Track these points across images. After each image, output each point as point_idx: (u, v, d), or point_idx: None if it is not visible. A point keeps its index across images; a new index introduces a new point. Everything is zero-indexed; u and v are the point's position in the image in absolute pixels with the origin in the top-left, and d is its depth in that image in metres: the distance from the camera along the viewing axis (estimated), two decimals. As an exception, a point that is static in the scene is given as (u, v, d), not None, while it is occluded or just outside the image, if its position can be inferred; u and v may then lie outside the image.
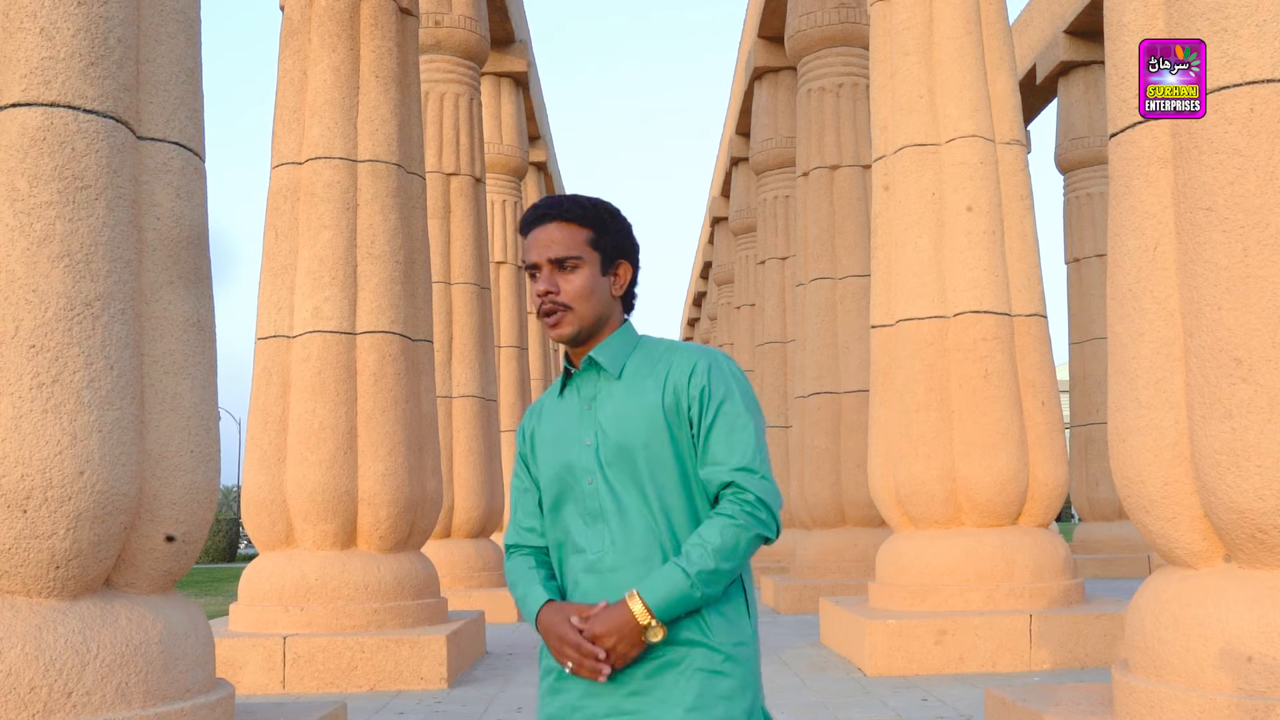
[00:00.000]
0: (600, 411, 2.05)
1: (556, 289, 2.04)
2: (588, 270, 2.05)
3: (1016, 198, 8.08)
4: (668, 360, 2.07)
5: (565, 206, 2.06)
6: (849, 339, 11.89)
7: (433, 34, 12.28)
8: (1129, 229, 4.03)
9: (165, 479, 3.83)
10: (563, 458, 2.07)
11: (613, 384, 2.06)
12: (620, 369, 2.07)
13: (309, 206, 7.85)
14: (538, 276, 2.06)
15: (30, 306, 3.48)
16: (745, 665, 2.00)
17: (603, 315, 2.08)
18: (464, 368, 12.04)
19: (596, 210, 2.09)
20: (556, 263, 2.04)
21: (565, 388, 2.14)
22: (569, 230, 2.05)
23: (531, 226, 2.08)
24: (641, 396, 2.03)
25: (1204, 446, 3.74)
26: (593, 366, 2.09)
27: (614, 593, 1.98)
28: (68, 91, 3.58)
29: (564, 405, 2.13)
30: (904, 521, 8.13)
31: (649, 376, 2.05)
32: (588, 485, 2.03)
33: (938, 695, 6.39)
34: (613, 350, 2.08)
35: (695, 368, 2.04)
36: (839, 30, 12.52)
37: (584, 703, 1.99)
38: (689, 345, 2.09)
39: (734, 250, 21.86)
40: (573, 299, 2.04)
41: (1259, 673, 3.57)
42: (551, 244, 2.04)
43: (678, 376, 2.04)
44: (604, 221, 2.08)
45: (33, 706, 3.35)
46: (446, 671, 7.18)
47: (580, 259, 2.04)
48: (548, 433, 2.12)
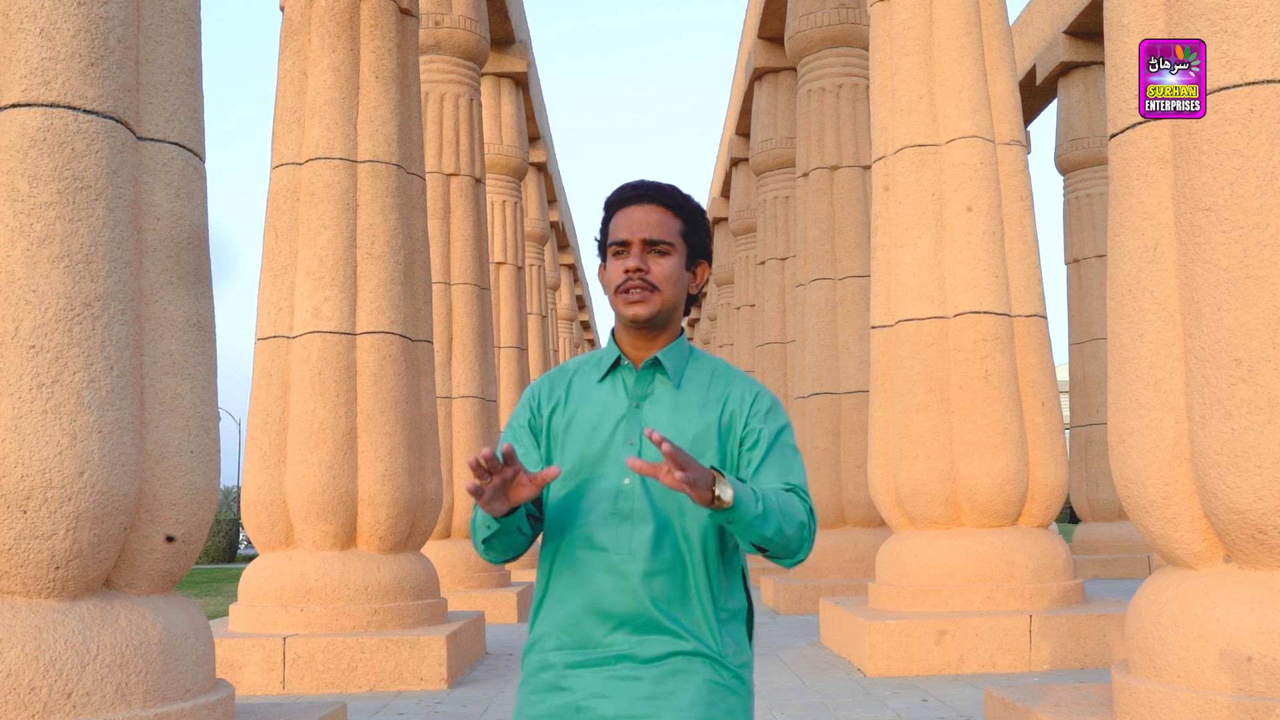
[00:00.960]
0: (651, 415, 2.03)
1: (647, 268, 2.02)
2: (677, 258, 2.05)
3: (1016, 198, 8.08)
4: (726, 382, 2.07)
5: (666, 192, 2.06)
6: (849, 339, 11.89)
7: (433, 34, 12.28)
8: (1129, 229, 4.03)
9: (165, 479, 3.83)
10: (597, 451, 2.02)
11: (668, 390, 2.05)
12: (680, 378, 2.06)
13: (309, 207, 7.86)
14: (623, 253, 2.03)
15: (30, 307, 3.47)
16: (748, 687, 2.02)
17: (677, 307, 2.07)
18: (464, 368, 12.04)
19: (691, 205, 2.09)
20: (649, 243, 2.02)
21: (608, 375, 2.09)
22: (666, 215, 2.05)
23: (627, 204, 2.06)
24: (699, 411, 2.03)
25: (1204, 447, 3.74)
26: (654, 368, 2.07)
27: (630, 597, 1.96)
28: (68, 92, 3.58)
29: (603, 394, 2.07)
30: (904, 522, 8.13)
31: (705, 392, 2.05)
32: (624, 485, 1.99)
33: (938, 695, 6.39)
34: (676, 357, 2.07)
35: (758, 396, 2.06)
36: (839, 31, 12.52)
37: (590, 703, 1.95)
38: (743, 374, 2.12)
39: (734, 251, 21.88)
40: (661, 281, 2.02)
41: (1259, 673, 3.57)
42: (648, 224, 2.03)
43: (738, 401, 2.05)
44: (696, 218, 2.09)
45: (33, 707, 3.35)
46: (446, 672, 7.18)
47: (672, 245, 2.04)
48: (581, 419, 2.06)
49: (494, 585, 12.03)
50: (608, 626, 1.97)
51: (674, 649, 1.95)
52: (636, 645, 1.96)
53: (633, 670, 1.94)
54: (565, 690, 1.98)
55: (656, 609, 1.96)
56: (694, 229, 2.08)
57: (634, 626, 1.96)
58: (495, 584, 12.07)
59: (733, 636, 2.01)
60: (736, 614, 2.04)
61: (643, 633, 1.96)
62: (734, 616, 2.04)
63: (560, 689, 1.98)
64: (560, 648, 2.01)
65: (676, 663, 1.94)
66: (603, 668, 1.96)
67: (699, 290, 2.13)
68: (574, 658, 1.99)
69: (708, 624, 1.99)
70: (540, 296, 20.94)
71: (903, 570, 7.89)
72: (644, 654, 1.95)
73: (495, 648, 9.27)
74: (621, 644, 1.96)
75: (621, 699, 1.93)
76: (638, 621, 1.96)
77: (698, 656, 1.96)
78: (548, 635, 2.03)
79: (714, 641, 1.98)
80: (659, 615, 1.95)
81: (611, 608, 1.97)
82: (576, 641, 1.99)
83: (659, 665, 1.94)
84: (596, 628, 1.98)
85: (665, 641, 1.96)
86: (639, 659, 1.95)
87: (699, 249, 2.10)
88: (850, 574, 11.79)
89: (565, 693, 1.98)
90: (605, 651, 1.97)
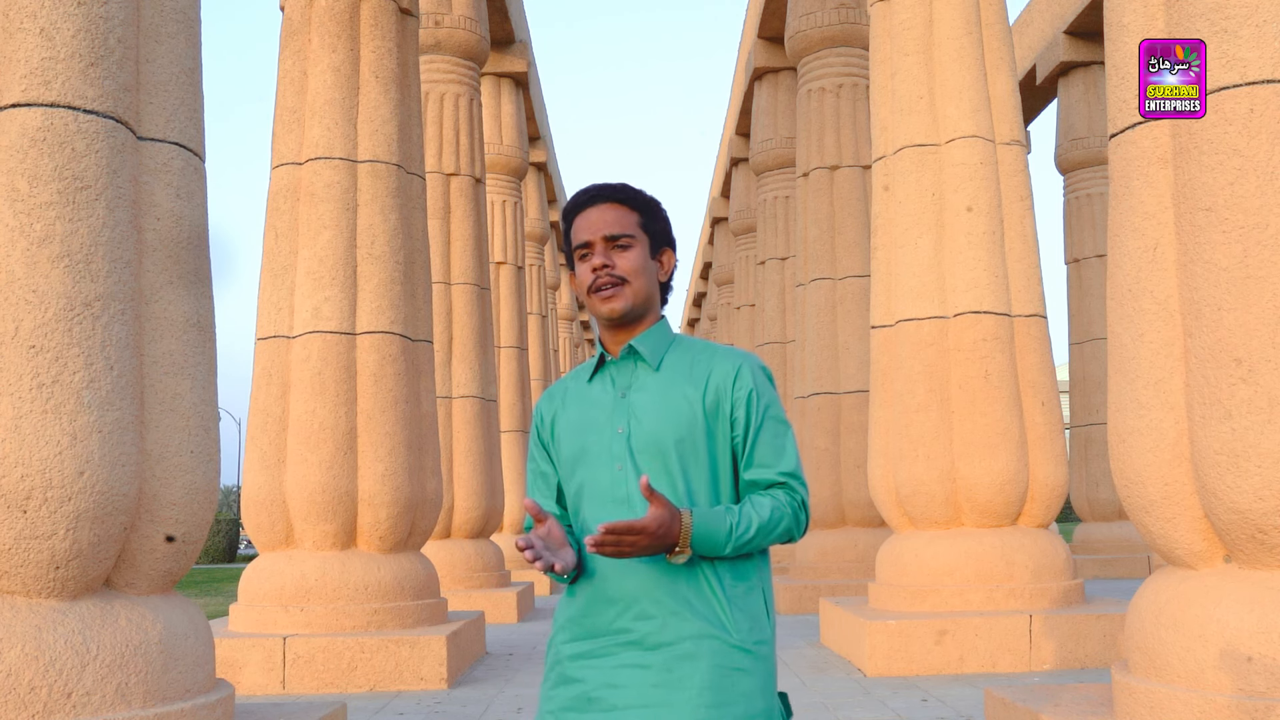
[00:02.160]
0: (634, 402, 2.07)
1: (613, 263, 2.07)
2: (640, 249, 2.10)
3: (1016, 198, 8.08)
4: (708, 360, 2.09)
5: (615, 189, 2.12)
6: (849, 339, 11.89)
7: (433, 34, 12.28)
8: (1129, 229, 4.03)
9: (165, 479, 3.83)
10: (590, 444, 2.07)
11: (650, 376, 2.09)
12: (659, 361, 2.09)
13: (309, 207, 7.86)
14: (589, 255, 2.09)
15: (30, 307, 3.47)
16: (765, 664, 2.00)
17: (650, 297, 2.12)
18: (464, 368, 12.04)
19: (644, 197, 2.15)
20: (610, 240, 2.08)
21: (595, 375, 2.15)
22: (620, 211, 2.10)
23: (582, 208, 2.12)
24: (680, 391, 2.05)
25: (1204, 447, 3.74)
26: (631, 356, 2.11)
27: (632, 579, 1.98)
28: (68, 92, 3.58)
29: (593, 392, 2.13)
30: (904, 522, 8.13)
31: (688, 373, 2.08)
32: (616, 471, 2.03)
33: (938, 695, 6.39)
34: (653, 342, 2.11)
35: (739, 372, 2.07)
36: (839, 30, 12.52)
37: (601, 693, 1.96)
38: (727, 348, 2.13)
39: (734, 250, 21.87)
40: (629, 273, 2.07)
41: (1259, 673, 3.57)
42: (605, 222, 2.09)
43: (720, 379, 2.06)
44: (651, 208, 2.15)
45: (33, 707, 3.35)
46: (446, 672, 7.18)
47: (633, 237, 2.10)
48: (573, 418, 2.12)
49: (494, 585, 12.03)
50: (614, 611, 1.99)
51: (682, 633, 1.95)
52: (644, 630, 1.97)
53: (640, 658, 1.95)
54: (577, 681, 2.00)
55: (661, 589, 1.97)
56: (651, 219, 2.14)
57: (640, 609, 1.97)
58: (495, 584, 12.07)
59: (746, 612, 2.00)
60: (750, 588, 2.03)
61: (649, 614, 1.97)
62: (748, 591, 2.03)
63: (573, 680, 2.01)
64: (572, 639, 2.04)
65: (685, 647, 1.94)
66: (610, 657, 1.98)
67: (668, 277, 2.17)
68: (583, 648, 2.01)
69: (717, 601, 1.98)
70: (540, 296, 20.94)
71: (903, 570, 7.89)
72: (652, 640, 1.96)
73: (495, 648, 9.27)
74: (629, 629, 1.97)
75: (631, 688, 1.94)
76: (644, 604, 1.97)
77: (707, 639, 1.95)
78: (562, 629, 2.07)
79: (726, 619, 1.97)
80: (665, 596, 1.97)
81: (616, 592, 1.99)
82: (586, 632, 2.02)
83: (666, 651, 1.94)
84: (604, 614, 2.00)
85: (673, 624, 1.96)
86: (646, 646, 1.96)
87: (660, 237, 2.15)
88: (850, 574, 11.79)
89: (577, 684, 2.00)
90: (613, 640, 1.98)
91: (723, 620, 1.97)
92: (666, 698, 1.92)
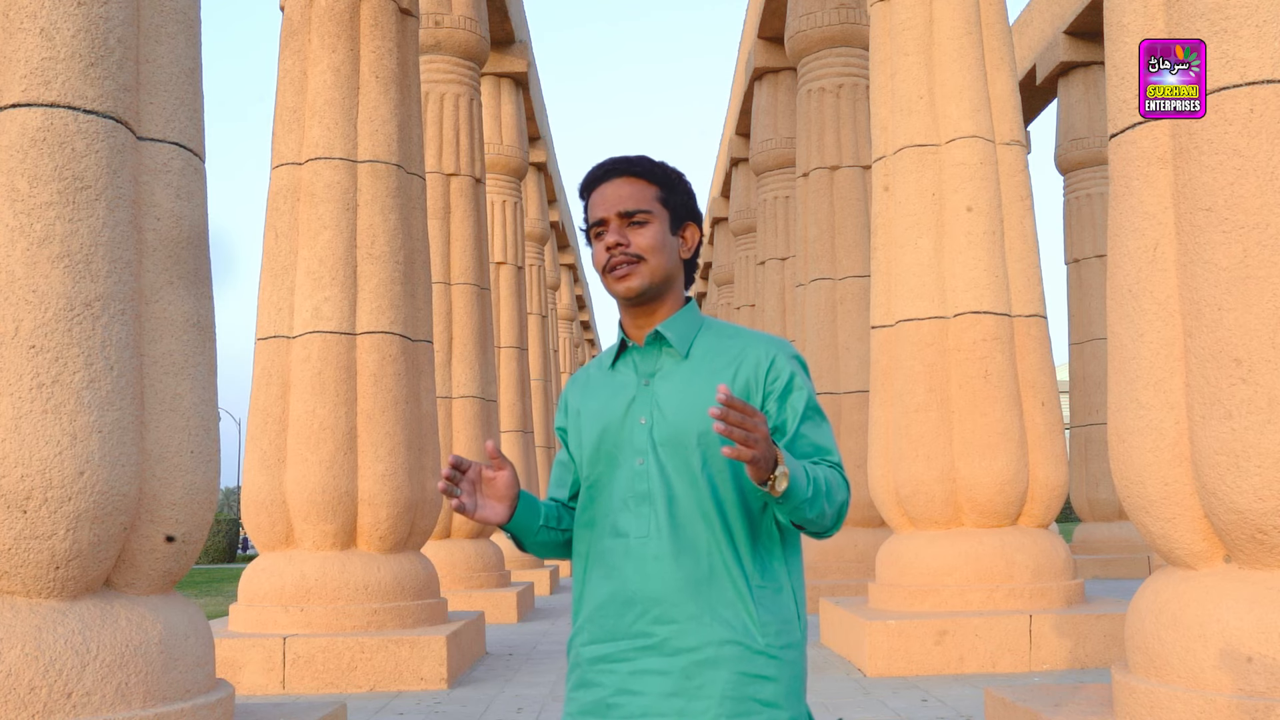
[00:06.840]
0: (660, 391, 1.95)
1: (627, 241, 1.95)
2: (658, 225, 1.97)
3: (1016, 198, 8.08)
4: (739, 348, 1.97)
5: (632, 161, 2.00)
6: (849, 339, 11.89)
7: (433, 34, 12.28)
8: (1129, 229, 4.03)
9: (165, 479, 3.82)
10: (610, 434, 1.97)
11: (677, 363, 1.96)
12: (688, 348, 1.97)
13: (309, 207, 7.86)
14: (604, 233, 1.97)
15: (30, 307, 3.47)
16: (792, 669, 1.90)
17: (671, 275, 1.98)
18: (464, 368, 12.04)
19: (664, 168, 2.02)
20: (625, 216, 1.96)
21: (618, 360, 2.03)
22: (637, 185, 1.98)
23: (597, 184, 2.00)
24: (708, 381, 1.92)
25: (1204, 447, 3.74)
26: (657, 343, 1.99)
27: (654, 580, 1.88)
28: (68, 92, 3.58)
29: (615, 379, 2.02)
30: (904, 522, 8.13)
31: (718, 362, 1.95)
32: (638, 465, 1.92)
33: (938, 696, 6.39)
34: (681, 327, 1.98)
35: (775, 362, 1.95)
36: (839, 31, 12.52)
37: (618, 700, 1.88)
38: (759, 334, 2.00)
39: (734, 251, 21.88)
40: (645, 250, 1.94)
41: (1259, 673, 3.57)
42: (620, 197, 1.96)
43: (752, 369, 1.95)
44: (672, 180, 2.01)
45: (33, 707, 3.35)
46: (446, 672, 7.18)
47: (650, 213, 1.97)
48: (594, 406, 2.01)
49: (494, 585, 12.03)
50: (634, 614, 1.89)
51: (704, 638, 1.85)
52: (664, 634, 1.87)
53: (660, 664, 1.86)
54: (596, 686, 1.92)
55: (683, 591, 1.87)
56: (671, 192, 2.00)
57: (661, 611, 1.87)
58: (495, 584, 12.07)
59: (774, 613, 1.90)
60: (778, 589, 1.93)
61: (670, 618, 1.87)
62: (776, 591, 1.92)
63: (592, 684, 1.93)
64: (591, 641, 1.94)
65: (706, 653, 1.84)
66: (628, 662, 1.89)
67: (692, 254, 2.03)
68: (602, 650, 1.92)
69: (741, 602, 1.88)
70: (540, 296, 20.95)
71: (903, 570, 7.89)
72: (671, 645, 1.86)
73: (495, 648, 9.27)
74: (649, 633, 1.88)
75: (649, 695, 1.86)
76: (664, 606, 1.87)
77: (729, 644, 1.85)
78: (581, 629, 1.98)
79: (752, 623, 1.87)
80: (686, 598, 1.86)
81: (636, 593, 1.89)
82: (606, 633, 1.92)
83: (687, 657, 1.84)
84: (624, 616, 1.90)
85: (694, 629, 1.86)
86: (665, 651, 1.86)
87: (682, 211, 2.02)
88: (850, 574, 11.79)
89: (596, 688, 1.92)
90: (632, 644, 1.89)
91: (748, 624, 1.87)
92: (684, 707, 1.83)
